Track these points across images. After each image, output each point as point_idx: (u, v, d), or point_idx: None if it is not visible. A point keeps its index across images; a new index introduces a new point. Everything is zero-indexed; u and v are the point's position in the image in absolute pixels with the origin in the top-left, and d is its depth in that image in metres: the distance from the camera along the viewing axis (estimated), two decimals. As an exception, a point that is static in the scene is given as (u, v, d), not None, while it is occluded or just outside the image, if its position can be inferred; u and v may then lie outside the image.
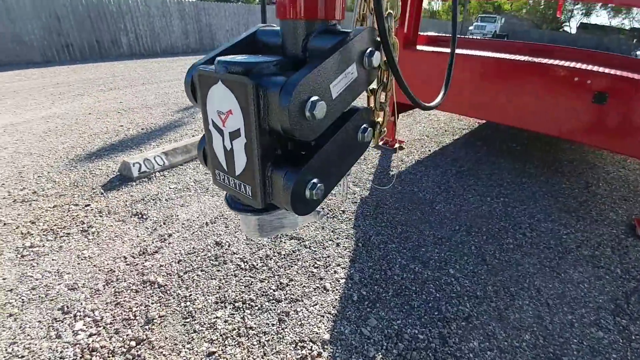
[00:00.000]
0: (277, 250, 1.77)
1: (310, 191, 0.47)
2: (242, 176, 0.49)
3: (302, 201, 0.47)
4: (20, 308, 1.41)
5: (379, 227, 1.98)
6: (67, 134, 3.40)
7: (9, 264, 1.64)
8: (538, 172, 2.70)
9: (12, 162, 2.76)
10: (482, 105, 2.41)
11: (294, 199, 0.46)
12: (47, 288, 1.50)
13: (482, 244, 1.84)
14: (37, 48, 8.79)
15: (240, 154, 0.47)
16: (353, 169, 2.66)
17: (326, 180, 0.50)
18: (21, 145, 3.12)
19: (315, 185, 0.48)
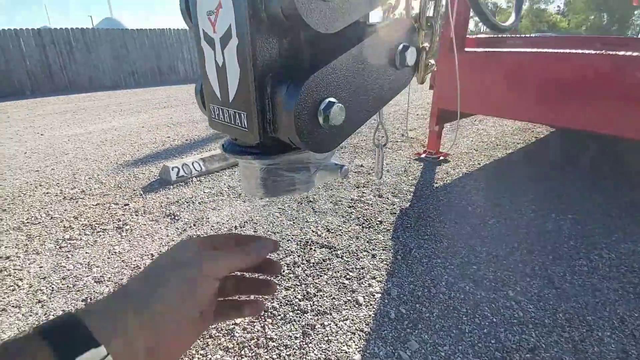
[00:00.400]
0: (305, 258, 1.63)
1: (324, 113, 0.34)
2: (237, 100, 0.37)
3: (313, 126, 0.34)
4: (49, 296, 1.42)
5: (421, 239, 1.76)
6: (120, 143, 3.65)
7: (48, 254, 1.69)
8: (611, 187, 2.30)
9: (69, 165, 2.99)
10: (556, 108, 2.12)
11: (301, 122, 0.33)
12: (75, 279, 1.50)
13: (549, 264, 1.54)
14: (108, 74, 9.95)
15: (232, 66, 0.36)
16: (392, 180, 2.49)
17: (348, 104, 0.37)
18: (80, 152, 3.40)
19: (331, 105, 0.34)
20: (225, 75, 0.38)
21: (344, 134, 0.39)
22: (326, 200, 2.21)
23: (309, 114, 0.34)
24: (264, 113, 0.35)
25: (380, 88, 0.41)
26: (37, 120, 5.27)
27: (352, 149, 3.25)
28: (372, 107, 0.41)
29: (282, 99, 0.34)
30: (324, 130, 0.35)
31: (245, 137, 0.38)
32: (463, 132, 3.81)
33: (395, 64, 0.41)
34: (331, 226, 1.91)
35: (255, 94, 0.34)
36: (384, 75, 0.41)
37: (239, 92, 0.37)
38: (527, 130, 3.83)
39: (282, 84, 0.34)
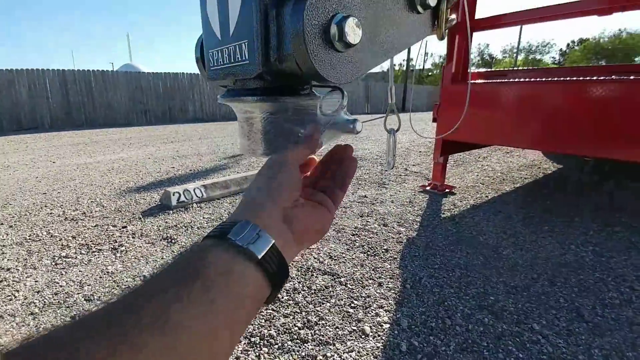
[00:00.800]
0: (306, 284, 1.51)
1: (338, 26, 0.29)
2: (237, 30, 0.34)
3: (326, 46, 0.30)
4: (41, 309, 1.37)
5: (431, 269, 1.64)
6: (125, 172, 3.67)
7: (44, 269, 1.67)
8: (633, 220, 2.18)
9: (75, 190, 2.98)
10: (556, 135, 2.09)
11: (312, 38, 0.28)
12: (66, 295, 1.43)
13: (575, 297, 1.39)
14: (122, 112, 10.40)
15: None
16: (397, 210, 2.41)
17: (365, 26, 0.32)
18: (87, 178, 3.41)
19: (346, 18, 0.30)
20: (226, 7, 0.35)
21: (361, 63, 0.34)
22: (330, 227, 2.12)
23: (320, 29, 0.29)
24: (268, 38, 0.32)
25: (399, 28, 0.37)
26: (51, 150, 5.41)
27: (355, 181, 3.22)
28: (391, 46, 0.37)
29: (288, 15, 0.30)
30: (339, 53, 0.31)
31: (245, 71, 0.34)
32: (468, 167, 3.79)
33: (414, 4, 0.38)
34: (334, 253, 1.80)
35: (259, 12, 0.31)
36: (403, 15, 0.38)
37: (240, 20, 0.33)
38: (534, 166, 3.80)
39: (287, 1, 0.30)
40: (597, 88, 1.89)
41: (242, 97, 0.37)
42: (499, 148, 4.95)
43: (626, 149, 1.85)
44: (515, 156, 4.43)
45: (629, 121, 1.80)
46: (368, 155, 4.54)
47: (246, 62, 0.34)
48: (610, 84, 1.87)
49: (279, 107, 0.36)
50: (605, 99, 1.86)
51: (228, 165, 4.06)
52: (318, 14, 0.29)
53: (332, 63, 0.31)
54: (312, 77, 0.32)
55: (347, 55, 0.32)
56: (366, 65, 0.35)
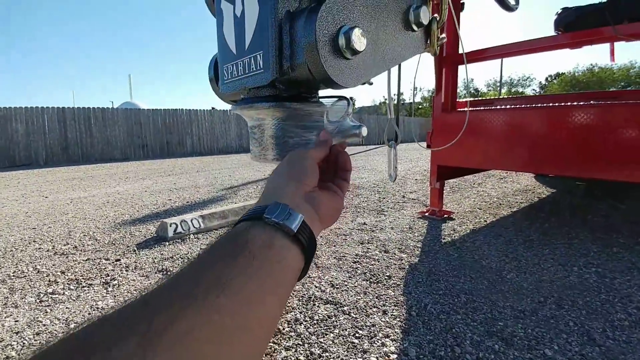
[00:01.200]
0: (308, 315, 1.45)
1: (346, 35, 0.33)
2: (253, 44, 0.37)
3: (335, 53, 0.33)
4: (19, 352, 1.25)
5: (436, 295, 1.60)
6: (120, 205, 3.63)
7: (26, 308, 1.56)
8: (631, 241, 2.18)
9: (67, 224, 2.92)
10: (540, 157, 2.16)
11: (322, 45, 0.32)
12: (50, 335, 1.33)
13: (584, 319, 1.36)
14: (120, 148, 10.47)
15: (251, 9, 0.36)
16: (397, 237, 2.39)
17: (370, 36, 0.36)
18: (80, 212, 3.35)
19: (351, 30, 0.33)
20: (243, 24, 0.38)
21: (366, 70, 0.37)
22: (329, 255, 2.09)
23: (330, 38, 0.32)
24: (281, 48, 0.34)
25: (397, 42, 0.41)
26: (44, 185, 5.35)
27: (353, 209, 3.22)
28: (391, 57, 0.41)
29: (301, 28, 0.33)
30: (347, 60, 0.34)
31: (260, 79, 0.37)
32: (464, 193, 3.83)
33: (410, 23, 0.41)
34: (336, 281, 1.75)
35: (274, 26, 0.34)
36: (400, 32, 0.41)
37: (256, 34, 0.36)
38: (528, 191, 3.85)
39: (300, 14, 0.34)
40: (578, 112, 1.99)
41: (256, 104, 0.39)
42: (492, 174, 5.04)
43: (605, 169, 1.91)
44: (509, 182, 4.50)
45: (607, 142, 1.88)
46: (365, 184, 4.58)
47: (261, 71, 0.36)
48: (589, 109, 1.97)
49: (289, 113, 0.38)
50: (585, 122, 1.96)
51: (226, 196, 4.05)
52: (328, 26, 0.33)
53: (341, 69, 0.34)
54: (323, 81, 0.34)
55: (354, 62, 0.35)
56: (370, 72, 0.38)
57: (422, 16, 0.41)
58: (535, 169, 2.57)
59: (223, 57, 0.43)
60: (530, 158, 2.22)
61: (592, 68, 33.53)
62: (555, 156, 2.10)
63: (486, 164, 2.61)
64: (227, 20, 0.41)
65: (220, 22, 0.42)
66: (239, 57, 0.39)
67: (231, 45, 0.40)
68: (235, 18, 0.39)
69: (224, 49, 0.42)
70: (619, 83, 30.47)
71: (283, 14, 0.34)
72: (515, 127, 2.26)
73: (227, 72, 0.42)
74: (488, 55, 2.53)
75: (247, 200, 3.65)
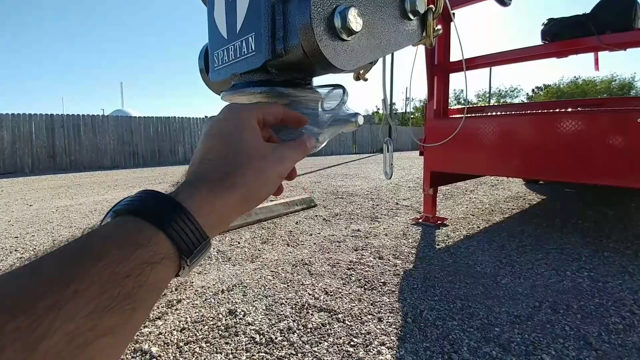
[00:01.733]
0: (302, 323, 1.41)
1: (342, 14, 0.31)
2: (245, 26, 0.35)
3: (331, 33, 0.31)
4: None
5: (432, 301, 1.58)
6: (108, 213, 3.54)
7: None
8: (621, 246, 2.21)
9: (51, 232, 2.83)
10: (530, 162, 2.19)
11: (317, 25, 0.30)
12: None
13: (579, 324, 1.35)
14: (109, 155, 10.30)
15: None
16: (391, 243, 2.38)
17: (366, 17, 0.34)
18: (65, 220, 3.26)
19: (347, 10, 0.32)
20: (234, 6, 0.36)
21: (362, 53, 0.36)
22: (323, 262, 2.05)
23: (325, 17, 0.31)
24: (274, 30, 0.33)
25: (393, 29, 0.40)
26: (29, 194, 5.20)
27: (347, 216, 3.20)
28: (387, 44, 0.39)
29: (295, 7, 0.31)
30: (342, 42, 0.32)
31: (252, 62, 0.35)
32: (457, 200, 3.85)
33: (406, 12, 0.40)
34: (330, 289, 1.72)
35: (267, 6, 0.32)
36: (397, 19, 0.40)
37: (247, 16, 0.35)
38: (519, 198, 3.89)
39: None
40: (566, 119, 2.03)
41: (247, 88, 0.37)
42: (484, 182, 5.10)
43: (593, 174, 1.95)
44: (500, 189, 4.55)
45: (593, 148, 1.92)
46: (359, 191, 4.57)
47: (252, 54, 0.35)
48: (576, 116, 2.02)
49: (282, 99, 0.37)
50: (572, 129, 2.00)
51: (216, 203, 3.99)
52: (323, 4, 0.31)
53: (337, 50, 0.32)
54: (318, 63, 0.33)
55: (350, 44, 0.34)
56: (365, 55, 0.36)
57: (418, 4, 0.40)
58: (525, 174, 2.60)
59: (213, 43, 0.41)
60: (521, 164, 2.25)
61: (576, 80, 34.72)
62: (545, 162, 2.13)
63: (478, 170, 2.64)
64: (218, 4, 0.39)
65: (211, 8, 0.40)
66: (230, 41, 0.38)
67: (222, 30, 0.39)
68: (226, 2, 0.38)
69: (215, 35, 0.40)
70: (601, 94, 31.57)
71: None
72: (505, 133, 2.29)
73: (218, 59, 0.40)
74: (478, 63, 2.57)
75: (239, 208, 3.60)
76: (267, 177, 0.32)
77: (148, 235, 0.25)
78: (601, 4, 2.16)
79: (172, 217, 0.26)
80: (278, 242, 2.46)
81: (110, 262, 0.22)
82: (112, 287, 0.22)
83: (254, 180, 0.31)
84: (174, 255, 0.26)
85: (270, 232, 2.69)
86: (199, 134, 12.08)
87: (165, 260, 0.25)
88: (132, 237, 0.24)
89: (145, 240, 0.24)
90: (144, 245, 0.24)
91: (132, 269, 0.23)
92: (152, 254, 0.24)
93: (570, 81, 35.47)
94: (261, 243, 2.44)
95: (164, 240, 0.25)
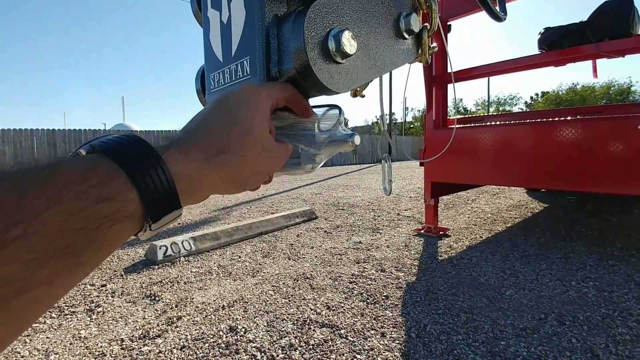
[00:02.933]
0: (304, 339, 1.39)
1: (336, 38, 0.32)
2: (240, 49, 0.36)
3: (325, 56, 0.32)
4: None
5: (435, 314, 1.55)
6: (109, 228, 3.53)
7: None
8: (625, 254, 2.18)
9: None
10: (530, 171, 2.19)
11: (311, 48, 0.30)
12: None
13: (586, 335, 1.32)
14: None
15: (238, 14, 0.35)
16: (393, 255, 2.36)
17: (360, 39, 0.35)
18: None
19: (341, 33, 0.32)
20: (229, 30, 0.37)
21: (357, 75, 0.36)
22: (324, 276, 2.03)
23: (319, 41, 0.32)
24: (269, 54, 0.33)
25: (388, 49, 0.40)
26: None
27: (348, 228, 3.18)
28: (382, 64, 0.40)
29: (289, 31, 0.32)
30: (337, 65, 0.33)
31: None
32: (458, 210, 3.83)
33: (401, 31, 0.41)
34: (332, 303, 1.70)
35: (261, 30, 0.33)
36: (392, 39, 0.41)
37: (242, 40, 0.35)
38: (521, 207, 3.87)
39: (287, 18, 0.33)
40: (565, 128, 2.04)
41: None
42: (485, 190, 5.08)
43: (593, 182, 1.94)
44: (502, 198, 4.53)
45: (593, 155, 1.92)
46: (360, 203, 4.56)
47: (247, 77, 0.35)
48: (575, 124, 2.03)
49: (279, 122, 0.37)
50: (572, 137, 2.01)
51: (218, 217, 3.98)
52: (317, 28, 0.32)
53: (331, 73, 0.33)
54: (313, 86, 0.33)
55: (344, 67, 0.34)
56: (361, 77, 0.37)
57: (412, 23, 0.41)
58: (526, 183, 2.59)
59: (209, 66, 0.42)
60: (521, 173, 2.25)
61: (575, 86, 34.94)
62: (545, 170, 2.13)
63: (479, 180, 2.63)
64: (213, 27, 0.40)
65: (207, 30, 0.41)
66: (226, 64, 0.38)
67: (217, 52, 0.40)
68: (221, 25, 0.39)
69: (211, 58, 0.41)
70: (600, 100, 31.69)
71: (270, 17, 0.33)
72: (505, 142, 2.30)
73: (214, 81, 0.41)
74: (476, 73, 2.60)
75: (239, 221, 3.59)
76: (260, 172, 0.31)
77: (118, 188, 0.22)
78: (598, 12, 2.18)
79: (151, 174, 0.23)
80: (279, 255, 2.44)
81: (66, 210, 0.20)
82: (61, 237, 0.19)
83: (248, 169, 0.30)
84: (139, 215, 0.24)
85: (271, 246, 2.67)
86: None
87: (128, 219, 0.23)
88: (99, 186, 0.21)
89: (114, 193, 0.22)
90: (110, 199, 0.21)
91: (88, 221, 0.20)
92: (115, 210, 0.22)
93: (568, 88, 35.72)
94: (262, 257, 2.42)
95: (134, 198, 0.23)
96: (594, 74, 2.29)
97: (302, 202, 4.80)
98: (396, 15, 0.41)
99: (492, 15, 0.59)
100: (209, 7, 0.41)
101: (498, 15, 0.60)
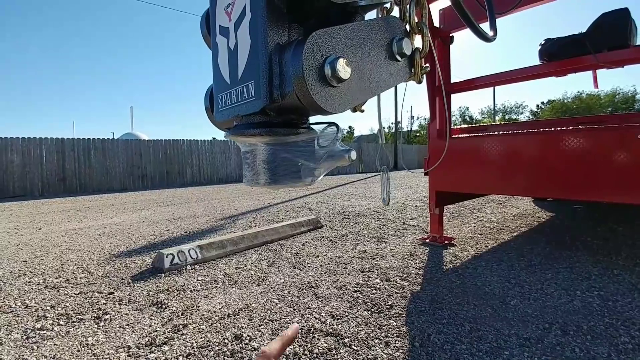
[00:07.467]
0: (308, 348, 1.40)
1: (331, 65, 0.36)
2: (245, 74, 0.40)
3: (321, 81, 0.35)
4: None
5: (439, 324, 1.55)
6: (117, 236, 3.59)
7: (12, 345, 1.48)
8: (630, 263, 2.17)
9: (60, 256, 2.87)
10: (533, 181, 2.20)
11: (309, 74, 0.34)
12: None
13: (589, 345, 1.32)
14: (118, 178, 10.49)
15: (244, 42, 0.40)
16: (398, 264, 2.36)
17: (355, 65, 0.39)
18: (74, 244, 3.30)
19: (336, 60, 0.36)
20: (236, 56, 0.41)
21: (352, 96, 0.40)
22: (329, 285, 2.05)
23: (316, 68, 0.35)
24: (271, 78, 0.37)
25: (382, 71, 0.44)
26: (38, 217, 5.30)
27: (354, 237, 3.19)
28: (376, 85, 0.43)
29: (289, 59, 0.36)
30: (333, 88, 0.36)
31: (252, 106, 0.39)
32: (464, 219, 3.82)
33: (393, 54, 0.45)
34: (336, 312, 1.71)
35: (265, 57, 0.37)
36: (385, 61, 0.44)
37: (248, 65, 0.39)
38: (528, 216, 3.85)
39: (288, 47, 0.37)
40: (569, 137, 2.06)
41: (247, 130, 0.41)
42: (491, 199, 5.06)
43: (599, 191, 1.95)
44: (508, 206, 4.51)
45: (598, 165, 1.93)
46: (365, 212, 4.57)
47: (252, 99, 0.39)
48: (580, 133, 2.04)
49: (281, 139, 0.41)
50: (576, 147, 2.02)
51: (225, 225, 4.02)
52: (314, 56, 0.36)
53: (328, 96, 0.37)
54: (311, 108, 0.37)
55: (340, 89, 0.38)
56: (356, 98, 0.41)
57: (404, 47, 0.45)
58: (532, 192, 2.59)
59: (218, 86, 0.46)
60: (527, 182, 2.25)
61: (580, 95, 34.81)
62: (551, 180, 2.14)
63: (484, 189, 2.64)
64: (221, 52, 0.44)
65: (215, 54, 0.46)
66: (232, 86, 0.42)
67: (225, 75, 0.44)
68: (229, 50, 0.43)
69: (219, 79, 0.45)
70: (605, 108, 31.48)
71: (273, 46, 0.37)
72: (510, 152, 2.32)
73: (222, 101, 0.45)
74: (478, 84, 2.64)
75: (245, 229, 3.62)
76: None
77: None
78: (596, 24, 2.22)
79: None
80: (284, 264, 2.46)
81: None
82: None
83: None
84: None
85: (276, 255, 2.69)
86: (207, 155, 12.29)
87: None
88: None
89: None
90: None
91: None
92: None
93: (574, 96, 35.60)
94: (267, 265, 2.44)
95: None
96: (595, 84, 2.31)
97: (308, 211, 4.82)
98: (389, 39, 0.45)
99: (479, 35, 0.62)
100: (218, 34, 0.45)
101: (486, 36, 0.63)
